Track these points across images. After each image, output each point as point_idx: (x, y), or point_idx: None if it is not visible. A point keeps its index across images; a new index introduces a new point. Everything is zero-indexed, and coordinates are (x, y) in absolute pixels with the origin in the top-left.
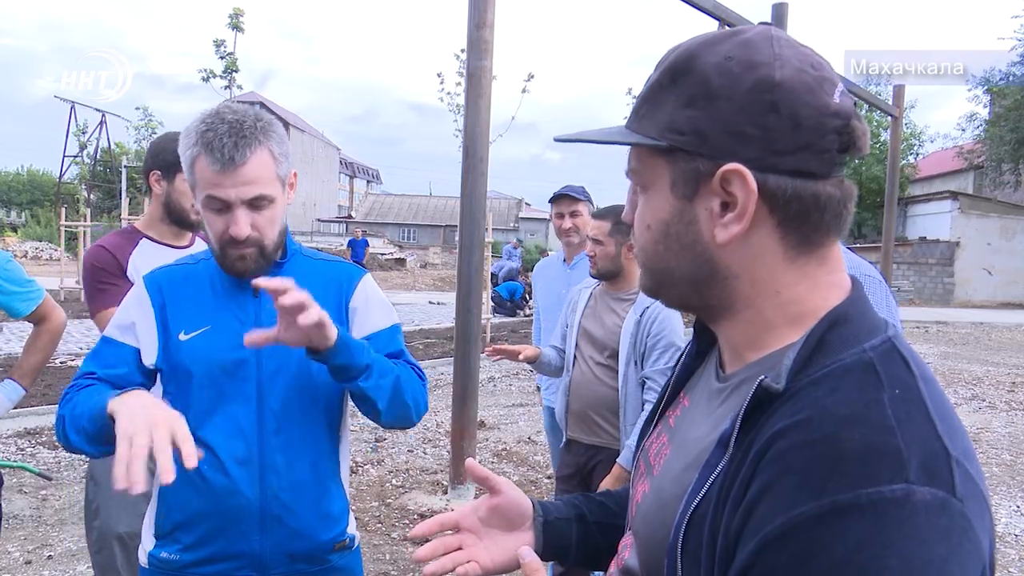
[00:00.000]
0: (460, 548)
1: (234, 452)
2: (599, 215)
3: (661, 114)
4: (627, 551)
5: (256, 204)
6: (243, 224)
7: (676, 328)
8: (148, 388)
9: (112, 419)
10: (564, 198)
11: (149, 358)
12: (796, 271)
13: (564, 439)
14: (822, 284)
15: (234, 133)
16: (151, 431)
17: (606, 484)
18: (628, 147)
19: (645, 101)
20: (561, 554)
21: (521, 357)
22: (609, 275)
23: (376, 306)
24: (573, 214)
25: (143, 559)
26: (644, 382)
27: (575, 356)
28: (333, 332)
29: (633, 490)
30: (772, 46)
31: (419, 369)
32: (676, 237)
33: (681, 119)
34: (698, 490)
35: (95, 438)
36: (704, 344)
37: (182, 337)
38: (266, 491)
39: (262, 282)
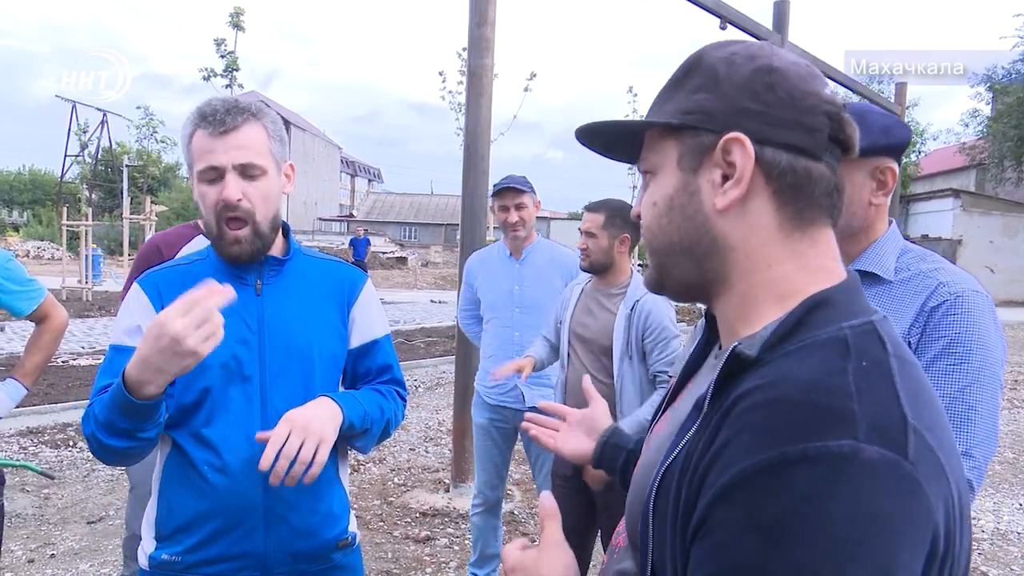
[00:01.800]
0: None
1: (238, 452)
2: (592, 208)
3: (672, 103)
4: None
5: (247, 172)
6: (233, 187)
7: (669, 317)
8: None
9: (128, 384)
10: (508, 191)
11: None
12: (788, 248)
13: None
14: (811, 267)
15: (228, 104)
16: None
17: None
18: (638, 147)
19: (658, 100)
20: (609, 472)
21: (524, 376)
22: (601, 268)
23: (375, 315)
24: (518, 206)
25: (143, 561)
26: (655, 377)
27: (569, 355)
28: (336, 427)
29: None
30: (771, 49)
31: (402, 387)
32: (680, 209)
33: (690, 103)
34: (672, 451)
35: (133, 428)
36: (714, 335)
37: None
38: (270, 490)
39: (262, 436)
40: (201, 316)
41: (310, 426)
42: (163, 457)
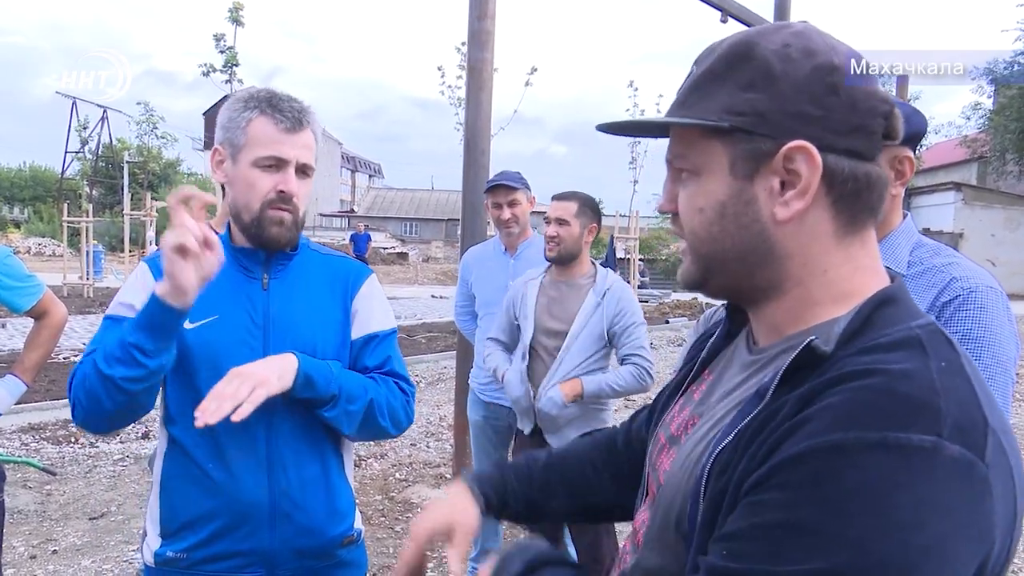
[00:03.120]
0: None
1: (242, 449)
2: (564, 196)
3: (715, 100)
4: (644, 528)
5: (303, 171)
6: (294, 182)
7: (637, 305)
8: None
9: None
10: (500, 188)
11: None
12: (842, 252)
13: (528, 429)
14: (864, 268)
15: (296, 102)
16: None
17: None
18: (649, 138)
19: (693, 91)
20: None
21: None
22: (570, 258)
23: (378, 308)
24: (511, 203)
25: (148, 558)
26: (624, 360)
27: (532, 347)
28: (289, 379)
29: (655, 464)
30: (823, 37)
31: (404, 380)
32: (733, 218)
33: (740, 102)
34: (727, 435)
35: (157, 346)
36: (736, 326)
37: (187, 325)
38: (275, 488)
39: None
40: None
41: (250, 372)
42: (163, 452)
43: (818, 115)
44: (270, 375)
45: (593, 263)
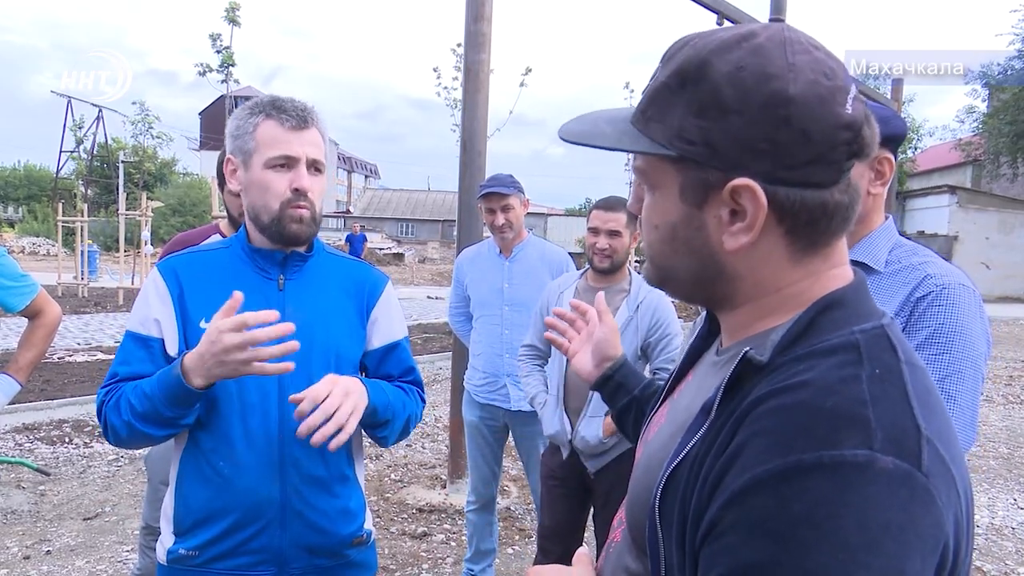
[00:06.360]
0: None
1: (255, 448)
2: (612, 207)
3: (669, 119)
4: (621, 527)
5: (315, 167)
6: (307, 178)
7: (673, 315)
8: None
9: (190, 381)
10: (494, 195)
11: (172, 347)
12: (801, 270)
13: (566, 454)
14: (824, 277)
15: (300, 104)
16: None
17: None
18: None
19: (652, 102)
20: (607, 402)
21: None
22: (619, 267)
23: (395, 315)
24: (505, 208)
25: (161, 556)
26: (655, 375)
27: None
28: (361, 407)
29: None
30: (786, 54)
31: (422, 389)
32: (684, 241)
33: (691, 128)
34: (678, 453)
35: (179, 416)
36: (716, 326)
37: (203, 325)
38: (287, 487)
39: (297, 397)
40: (249, 338)
41: (351, 391)
42: (180, 451)
43: (768, 150)
44: (361, 403)
45: (629, 270)
